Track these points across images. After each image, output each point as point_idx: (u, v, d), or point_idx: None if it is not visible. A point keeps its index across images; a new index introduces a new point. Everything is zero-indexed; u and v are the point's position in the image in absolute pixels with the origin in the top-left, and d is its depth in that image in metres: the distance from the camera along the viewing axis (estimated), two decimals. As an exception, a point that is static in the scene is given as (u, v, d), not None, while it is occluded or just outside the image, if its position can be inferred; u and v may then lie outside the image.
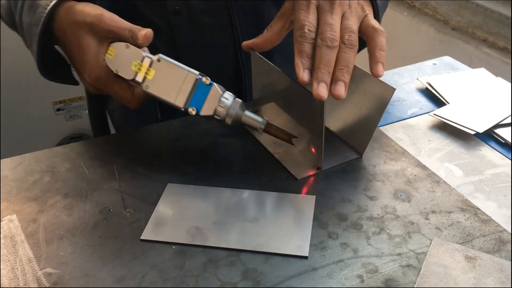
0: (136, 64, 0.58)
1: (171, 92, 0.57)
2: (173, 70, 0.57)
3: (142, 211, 0.55)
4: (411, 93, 0.78)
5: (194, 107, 0.57)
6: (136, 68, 0.58)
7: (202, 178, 0.60)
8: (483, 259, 0.48)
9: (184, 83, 0.57)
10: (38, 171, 0.62)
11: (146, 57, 0.58)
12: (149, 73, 0.58)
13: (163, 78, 0.57)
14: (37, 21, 0.60)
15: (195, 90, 0.57)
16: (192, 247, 0.51)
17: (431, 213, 0.54)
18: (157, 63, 0.57)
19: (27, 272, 0.49)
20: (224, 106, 0.57)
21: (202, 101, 0.57)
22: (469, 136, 0.67)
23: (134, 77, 0.58)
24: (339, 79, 0.53)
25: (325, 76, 0.53)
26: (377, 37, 0.57)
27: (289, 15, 0.60)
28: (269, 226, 0.53)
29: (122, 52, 0.58)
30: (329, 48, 0.53)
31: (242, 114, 0.59)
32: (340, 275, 0.47)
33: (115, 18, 0.59)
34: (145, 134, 0.70)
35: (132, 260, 0.50)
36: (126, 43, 0.58)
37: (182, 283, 0.47)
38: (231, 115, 0.58)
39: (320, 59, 0.53)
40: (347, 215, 0.54)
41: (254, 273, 0.48)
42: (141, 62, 0.58)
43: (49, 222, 0.55)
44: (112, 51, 0.58)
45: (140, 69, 0.58)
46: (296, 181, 0.60)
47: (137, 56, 0.58)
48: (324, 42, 0.54)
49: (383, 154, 0.64)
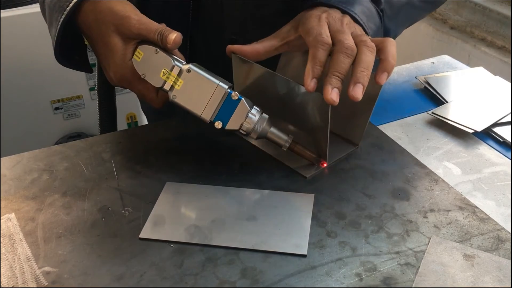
0: (165, 72, 0.56)
1: (199, 104, 0.56)
2: (202, 82, 0.56)
3: (141, 210, 0.55)
4: (410, 92, 0.79)
5: (220, 121, 0.56)
6: (164, 77, 0.56)
7: (201, 177, 0.60)
8: (482, 258, 0.48)
9: (213, 96, 0.56)
10: (36, 170, 0.62)
11: (176, 66, 0.56)
12: (177, 82, 0.56)
13: (192, 89, 0.56)
14: (61, 9, 0.59)
15: (223, 103, 0.56)
16: (190, 246, 0.51)
17: (429, 212, 0.54)
18: (186, 73, 0.56)
19: (26, 271, 0.49)
20: (251, 122, 0.57)
21: (229, 115, 0.56)
22: (467, 135, 0.67)
23: (162, 85, 0.57)
24: (359, 81, 0.53)
25: (339, 83, 0.53)
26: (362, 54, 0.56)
27: (284, 36, 0.61)
28: (267, 224, 0.53)
29: (150, 57, 0.57)
30: (347, 56, 0.54)
31: (268, 130, 0.58)
32: (338, 274, 0.47)
33: (144, 20, 0.57)
34: (143, 133, 0.70)
35: (131, 259, 0.50)
36: (155, 48, 0.57)
37: (181, 281, 0.47)
38: (257, 131, 0.57)
39: (336, 65, 0.53)
40: (345, 213, 0.54)
41: (253, 272, 0.48)
42: (170, 71, 0.56)
43: (47, 220, 0.54)
44: (140, 53, 0.57)
45: (168, 77, 0.56)
46: (295, 179, 0.60)
47: (166, 64, 0.56)
48: (344, 49, 0.54)
49: (381, 153, 0.64)
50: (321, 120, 0.58)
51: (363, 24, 0.60)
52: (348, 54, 0.54)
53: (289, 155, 0.62)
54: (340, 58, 0.53)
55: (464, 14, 1.65)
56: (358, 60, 0.54)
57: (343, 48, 0.54)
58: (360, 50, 0.54)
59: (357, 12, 0.60)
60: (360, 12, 0.61)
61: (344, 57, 0.53)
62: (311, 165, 0.61)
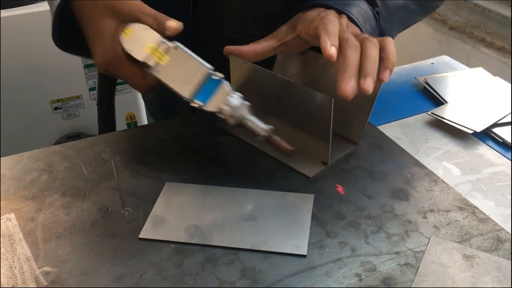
0: (152, 47, 0.56)
1: (180, 82, 0.56)
2: (187, 60, 0.56)
3: (140, 210, 0.55)
4: (409, 92, 0.79)
5: (200, 100, 0.56)
6: (150, 51, 0.56)
7: (200, 177, 0.60)
8: (481, 258, 0.48)
9: (195, 74, 0.56)
10: (36, 170, 0.62)
11: (163, 43, 0.56)
12: (163, 58, 0.56)
13: (176, 66, 0.56)
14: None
15: (205, 84, 0.56)
16: (190, 246, 0.51)
17: (429, 212, 0.54)
18: (173, 50, 0.56)
19: (25, 271, 0.49)
20: (230, 105, 0.56)
21: (209, 95, 0.56)
22: (467, 135, 0.67)
23: (146, 59, 0.56)
24: (369, 75, 0.53)
25: (355, 73, 0.53)
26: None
27: (282, 37, 0.62)
28: (267, 224, 0.53)
29: (139, 34, 0.56)
30: (356, 52, 0.54)
31: (246, 117, 0.58)
32: (338, 274, 0.47)
33: (139, 3, 0.57)
34: (143, 133, 0.70)
35: (131, 259, 0.50)
36: (146, 26, 0.56)
37: (181, 281, 0.47)
38: (235, 116, 0.57)
39: (348, 61, 0.53)
40: (345, 214, 0.54)
41: (253, 272, 0.48)
42: (157, 47, 0.56)
43: (47, 220, 0.54)
44: (130, 31, 0.56)
45: (154, 53, 0.56)
46: (295, 179, 0.60)
47: (154, 40, 0.56)
48: (353, 46, 0.54)
49: (381, 153, 0.64)
50: (322, 120, 0.58)
51: (360, 25, 0.61)
52: (357, 50, 0.54)
53: (291, 156, 0.62)
54: (350, 53, 0.53)
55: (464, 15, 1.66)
56: (365, 55, 0.54)
57: (352, 45, 0.54)
58: (365, 46, 0.54)
59: (354, 13, 0.61)
60: (357, 13, 0.61)
61: (353, 52, 0.53)
62: (313, 165, 0.61)
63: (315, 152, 0.62)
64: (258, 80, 0.64)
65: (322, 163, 0.61)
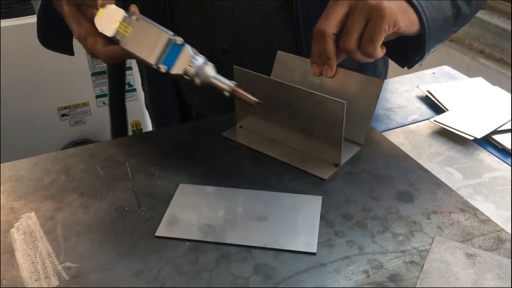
0: (118, 22, 0.61)
1: (145, 50, 0.60)
2: (149, 29, 0.60)
3: (156, 210, 0.58)
4: (412, 101, 0.81)
5: (165, 65, 0.59)
6: (117, 27, 0.61)
7: (212, 179, 0.63)
8: (483, 256, 0.51)
9: (158, 42, 0.59)
10: (54, 171, 0.64)
11: (126, 17, 0.61)
12: (127, 30, 0.61)
13: (140, 36, 0.60)
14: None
15: (169, 50, 0.59)
16: (204, 244, 0.53)
17: (432, 214, 0.57)
18: (135, 21, 0.61)
19: (47, 266, 0.51)
20: (194, 67, 0.59)
21: (174, 60, 0.59)
22: (468, 142, 0.70)
23: (115, 34, 0.61)
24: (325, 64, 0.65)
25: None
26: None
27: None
28: (278, 224, 0.55)
29: (108, 13, 0.62)
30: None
31: (211, 76, 0.60)
32: (347, 271, 0.50)
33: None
34: (155, 138, 0.73)
35: (148, 255, 0.52)
36: (113, 5, 0.62)
37: (197, 277, 0.49)
38: (200, 76, 0.59)
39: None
40: (352, 215, 0.57)
41: (265, 268, 0.50)
42: (122, 21, 0.61)
43: (66, 219, 0.57)
44: (101, 12, 0.62)
45: (120, 27, 0.61)
46: (304, 182, 0.62)
47: (119, 16, 0.61)
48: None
49: (386, 158, 0.66)
50: (334, 124, 0.61)
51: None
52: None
53: (302, 159, 0.65)
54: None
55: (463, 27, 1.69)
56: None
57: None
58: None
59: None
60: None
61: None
62: (325, 168, 0.64)
63: (325, 155, 0.65)
64: (264, 89, 0.66)
65: (334, 165, 0.64)
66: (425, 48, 0.64)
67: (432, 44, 0.65)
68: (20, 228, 0.56)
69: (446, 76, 0.90)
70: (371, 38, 0.59)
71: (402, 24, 0.60)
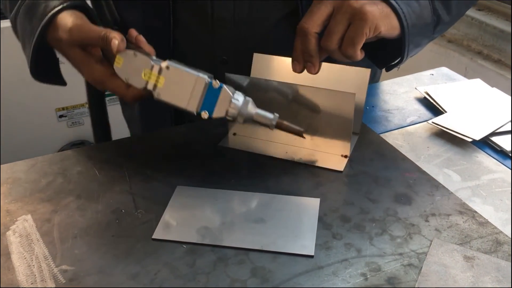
0: (146, 72, 0.59)
1: (183, 98, 0.58)
2: (183, 76, 0.59)
3: (153, 212, 0.57)
4: (410, 102, 0.81)
5: (206, 111, 0.58)
6: (146, 77, 0.59)
7: (210, 182, 0.62)
8: (481, 259, 0.51)
9: (195, 88, 0.58)
10: (51, 173, 0.64)
11: (155, 65, 0.59)
12: (159, 80, 0.59)
13: (174, 84, 0.59)
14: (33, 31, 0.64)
15: (206, 93, 0.58)
16: (202, 246, 0.53)
17: (430, 216, 0.57)
18: (166, 70, 0.59)
19: (44, 269, 0.51)
20: (235, 107, 0.58)
21: (213, 104, 0.58)
22: (466, 143, 0.70)
23: (145, 85, 0.59)
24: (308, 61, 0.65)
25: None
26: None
27: None
28: (276, 226, 0.55)
29: (130, 60, 0.59)
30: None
31: (253, 112, 0.60)
32: (344, 273, 0.49)
33: (84, 28, 0.61)
34: (153, 139, 0.72)
35: (145, 258, 0.51)
36: (133, 51, 0.59)
37: (194, 280, 0.49)
38: (243, 115, 0.59)
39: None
40: (350, 217, 0.57)
41: (263, 271, 0.50)
42: (150, 70, 0.59)
43: (63, 222, 0.56)
44: (120, 59, 0.59)
45: (150, 77, 0.59)
46: (301, 184, 0.62)
47: (146, 65, 0.59)
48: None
49: (384, 160, 0.66)
50: (342, 116, 0.63)
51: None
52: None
53: (310, 156, 0.66)
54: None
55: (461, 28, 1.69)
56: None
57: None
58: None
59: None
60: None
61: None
62: (336, 160, 0.65)
63: (333, 148, 0.66)
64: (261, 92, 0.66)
65: (343, 156, 0.65)
66: (404, 52, 0.66)
67: (411, 49, 0.68)
68: (16, 231, 0.55)
69: (444, 77, 0.90)
70: (352, 41, 0.60)
71: (383, 28, 0.62)
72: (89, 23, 0.63)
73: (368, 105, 0.80)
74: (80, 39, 0.61)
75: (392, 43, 0.67)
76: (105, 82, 0.62)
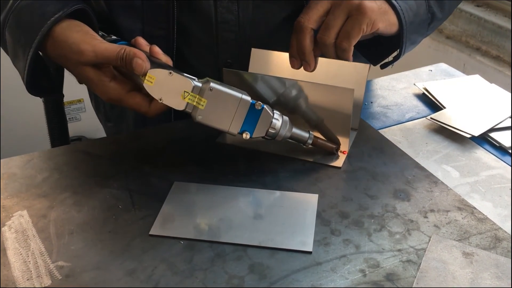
0: (186, 94, 0.56)
1: (225, 120, 0.57)
2: (226, 98, 0.56)
3: (150, 208, 0.57)
4: (409, 98, 0.81)
5: (247, 131, 0.58)
6: (186, 99, 0.56)
7: (207, 178, 0.62)
8: (480, 255, 0.50)
9: (238, 109, 0.57)
10: (47, 169, 0.64)
11: (196, 86, 0.56)
12: (201, 102, 0.56)
13: (216, 106, 0.56)
14: (28, 43, 0.60)
15: (247, 114, 0.57)
16: (199, 242, 0.52)
17: (429, 212, 0.56)
18: (209, 92, 0.56)
19: (40, 265, 0.50)
20: (275, 127, 0.59)
21: (254, 124, 0.57)
22: (465, 139, 0.69)
23: (185, 107, 0.56)
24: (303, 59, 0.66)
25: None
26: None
27: None
28: (274, 223, 0.55)
29: (165, 80, 0.56)
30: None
31: (291, 132, 0.61)
32: (343, 269, 0.49)
33: (98, 48, 0.58)
34: (150, 135, 0.72)
35: (142, 254, 0.51)
36: (169, 71, 0.56)
37: (191, 276, 0.49)
38: (281, 135, 0.60)
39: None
40: (349, 213, 0.56)
41: (261, 267, 0.49)
42: (191, 92, 0.56)
43: (59, 217, 0.56)
44: (152, 78, 0.56)
45: (190, 98, 0.56)
46: (300, 180, 0.61)
47: (186, 86, 0.56)
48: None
49: (382, 156, 0.66)
50: (341, 111, 0.62)
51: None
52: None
53: (308, 152, 0.65)
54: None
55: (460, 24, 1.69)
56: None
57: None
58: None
59: None
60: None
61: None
62: (335, 156, 0.65)
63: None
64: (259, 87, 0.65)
65: (342, 152, 0.65)
66: (402, 49, 0.66)
67: (407, 46, 0.68)
68: (12, 227, 0.55)
69: (443, 73, 0.89)
70: (348, 34, 0.60)
71: (381, 25, 0.62)
72: (97, 37, 0.59)
73: (366, 101, 0.79)
74: (95, 60, 0.58)
75: (386, 40, 0.67)
76: (123, 100, 0.60)
